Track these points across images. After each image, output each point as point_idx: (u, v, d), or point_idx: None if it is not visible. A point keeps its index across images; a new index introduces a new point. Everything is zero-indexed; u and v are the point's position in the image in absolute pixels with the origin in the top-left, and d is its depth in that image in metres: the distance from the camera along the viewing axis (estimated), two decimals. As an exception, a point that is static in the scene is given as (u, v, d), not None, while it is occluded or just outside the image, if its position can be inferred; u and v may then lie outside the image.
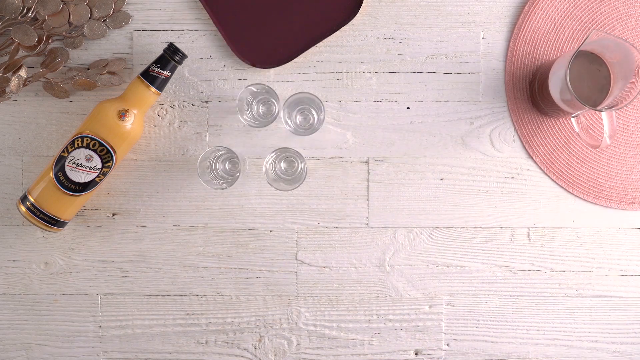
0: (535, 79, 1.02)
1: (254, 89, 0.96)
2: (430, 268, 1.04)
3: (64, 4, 1.01)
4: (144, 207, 1.03)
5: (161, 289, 1.04)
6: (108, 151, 0.96)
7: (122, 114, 0.96)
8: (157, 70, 0.96)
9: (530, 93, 1.03)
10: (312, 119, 1.00)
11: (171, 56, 0.96)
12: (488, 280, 1.04)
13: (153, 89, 0.96)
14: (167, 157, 1.03)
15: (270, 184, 0.96)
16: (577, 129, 0.98)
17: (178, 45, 1.01)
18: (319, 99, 0.95)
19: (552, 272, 1.04)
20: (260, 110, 1.00)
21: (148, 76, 0.96)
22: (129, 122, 0.96)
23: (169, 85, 1.02)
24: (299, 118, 1.00)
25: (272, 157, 0.97)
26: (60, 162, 0.96)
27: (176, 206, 1.03)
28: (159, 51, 0.98)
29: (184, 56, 0.97)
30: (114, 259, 1.04)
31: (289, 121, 0.98)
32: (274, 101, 0.99)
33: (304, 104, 0.99)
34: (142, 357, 1.04)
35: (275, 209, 1.03)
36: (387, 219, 1.03)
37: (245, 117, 0.97)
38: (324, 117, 0.96)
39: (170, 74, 0.97)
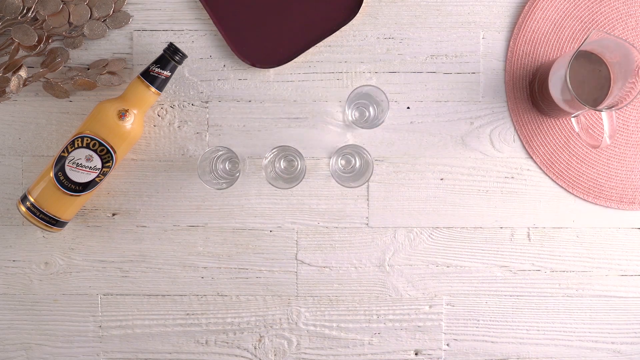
0: (535, 79, 1.02)
1: (362, 91, 0.95)
2: (430, 268, 1.04)
3: (64, 4, 1.01)
4: (144, 207, 1.03)
5: (161, 289, 1.04)
6: (108, 151, 0.96)
7: (122, 114, 0.96)
8: (157, 70, 0.96)
9: (530, 93, 1.03)
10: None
11: (171, 56, 0.96)
12: (488, 280, 1.04)
13: (153, 89, 0.96)
14: (167, 157, 1.03)
15: (269, 182, 0.96)
16: (577, 129, 0.98)
17: (178, 45, 1.01)
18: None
19: (552, 272, 1.04)
20: (353, 116, 1.00)
21: (148, 76, 0.96)
22: (129, 122, 0.96)
23: (169, 85, 1.02)
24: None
25: (271, 154, 0.97)
26: (60, 162, 0.96)
27: (176, 206, 1.03)
28: (159, 51, 0.98)
29: (184, 56, 0.97)
30: (114, 259, 1.04)
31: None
32: (371, 107, 0.99)
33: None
34: (142, 357, 1.04)
35: (275, 209, 1.03)
36: (387, 219, 1.03)
37: (346, 117, 0.98)
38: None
39: (170, 74, 0.97)
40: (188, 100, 1.03)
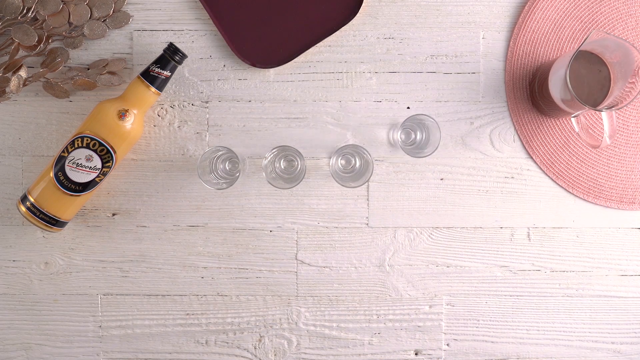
0: (535, 79, 1.02)
1: (418, 119, 0.96)
2: (430, 268, 1.04)
3: (64, 4, 1.01)
4: (144, 207, 1.03)
5: (161, 289, 1.04)
6: (108, 151, 0.96)
7: (122, 114, 0.96)
8: (157, 70, 0.96)
9: (530, 93, 1.03)
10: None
11: (171, 56, 0.96)
12: (488, 280, 1.04)
13: (153, 89, 0.96)
14: (167, 157, 1.03)
15: (269, 182, 0.96)
16: (577, 129, 0.98)
17: (178, 45, 1.01)
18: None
19: (552, 272, 1.04)
20: (401, 137, 1.00)
21: (148, 76, 0.96)
22: (129, 122, 0.96)
23: (169, 85, 1.02)
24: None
25: (271, 154, 0.97)
26: (60, 162, 0.96)
27: (176, 206, 1.03)
28: (159, 51, 0.98)
29: (184, 56, 0.97)
30: (114, 259, 1.04)
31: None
32: (418, 131, 1.00)
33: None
34: (142, 357, 1.04)
35: (275, 209, 1.03)
36: (387, 219, 1.03)
37: (394, 139, 1.00)
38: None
39: (170, 74, 0.97)
40: (188, 100, 1.03)
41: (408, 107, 1.03)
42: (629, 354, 1.05)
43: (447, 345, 1.04)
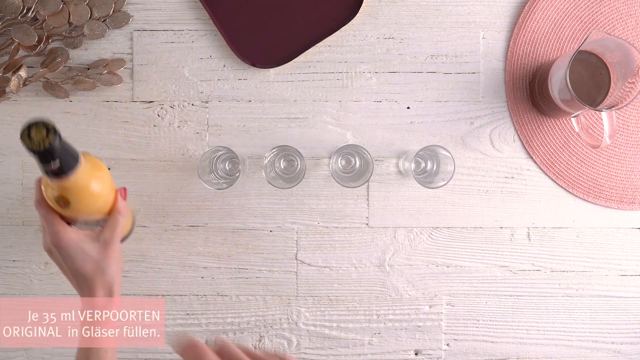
0: (535, 79, 1.02)
1: (430, 149, 0.97)
2: (430, 268, 1.04)
3: (64, 4, 1.01)
4: (144, 207, 1.03)
5: (161, 289, 1.04)
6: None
7: (62, 203, 0.78)
8: (46, 168, 0.72)
9: (530, 93, 1.03)
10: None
11: (37, 149, 0.68)
12: (488, 280, 1.04)
13: (63, 178, 0.74)
14: (167, 157, 1.03)
15: (269, 182, 0.96)
16: (577, 129, 0.98)
17: (46, 121, 0.69)
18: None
19: (552, 272, 1.04)
20: (411, 166, 1.00)
21: (48, 175, 0.73)
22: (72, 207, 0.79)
23: (169, 85, 1.02)
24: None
25: (271, 154, 0.97)
26: None
27: (176, 206, 1.03)
28: (159, 51, 0.98)
29: (52, 133, 0.68)
30: (114, 259, 1.03)
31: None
32: (429, 160, 1.01)
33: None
34: (142, 357, 1.04)
35: (275, 209, 1.03)
36: (387, 219, 1.03)
37: (405, 168, 1.01)
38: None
39: (58, 159, 0.71)
40: (188, 100, 1.03)
41: (408, 107, 1.03)
42: (629, 354, 1.05)
43: (447, 345, 1.04)
